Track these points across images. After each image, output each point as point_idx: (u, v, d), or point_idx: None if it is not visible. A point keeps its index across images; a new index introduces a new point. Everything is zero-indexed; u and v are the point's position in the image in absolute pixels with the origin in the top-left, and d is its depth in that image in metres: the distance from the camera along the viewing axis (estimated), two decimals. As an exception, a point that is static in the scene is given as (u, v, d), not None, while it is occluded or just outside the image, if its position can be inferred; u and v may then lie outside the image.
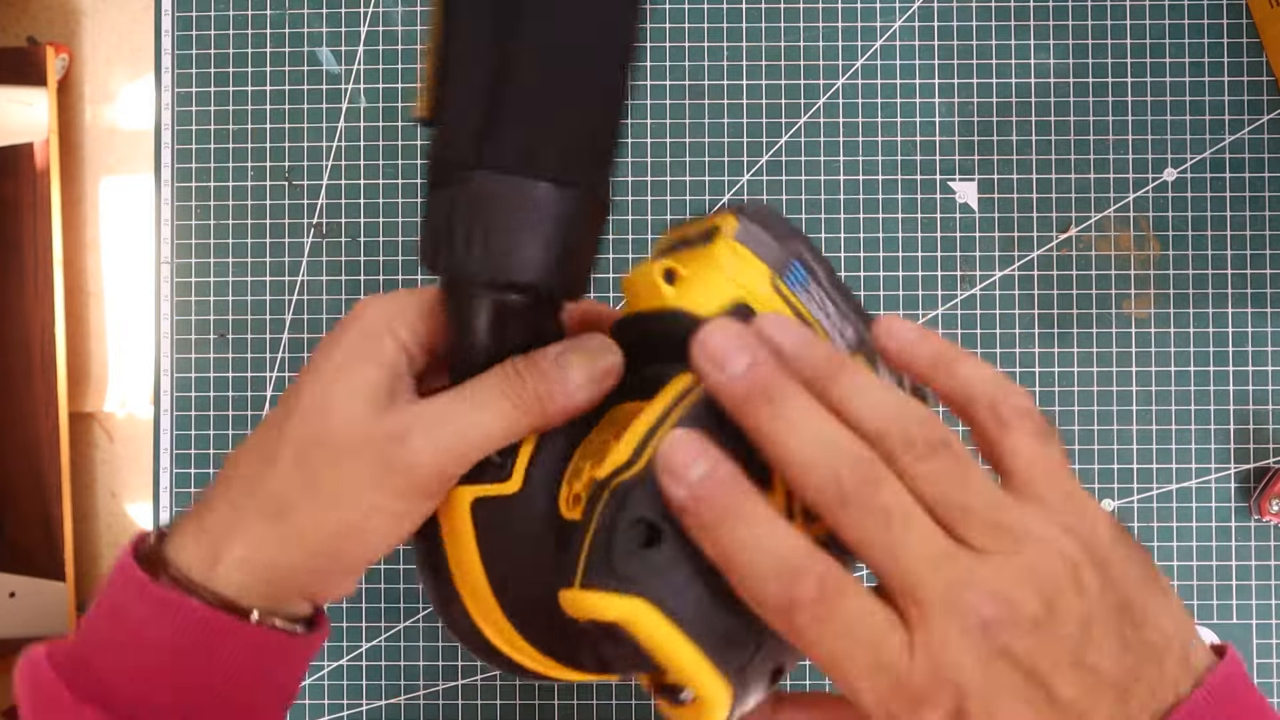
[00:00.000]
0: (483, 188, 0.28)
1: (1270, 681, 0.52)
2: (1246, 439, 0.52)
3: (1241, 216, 0.53)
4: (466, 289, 0.30)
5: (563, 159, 0.28)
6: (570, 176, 0.28)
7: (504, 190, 0.28)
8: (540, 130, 0.28)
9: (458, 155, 0.29)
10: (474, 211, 0.28)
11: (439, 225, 0.29)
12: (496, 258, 0.28)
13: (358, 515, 0.30)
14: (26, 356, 1.33)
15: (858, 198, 0.53)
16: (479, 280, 0.29)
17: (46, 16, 1.45)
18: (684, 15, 0.54)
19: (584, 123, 0.29)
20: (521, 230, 0.28)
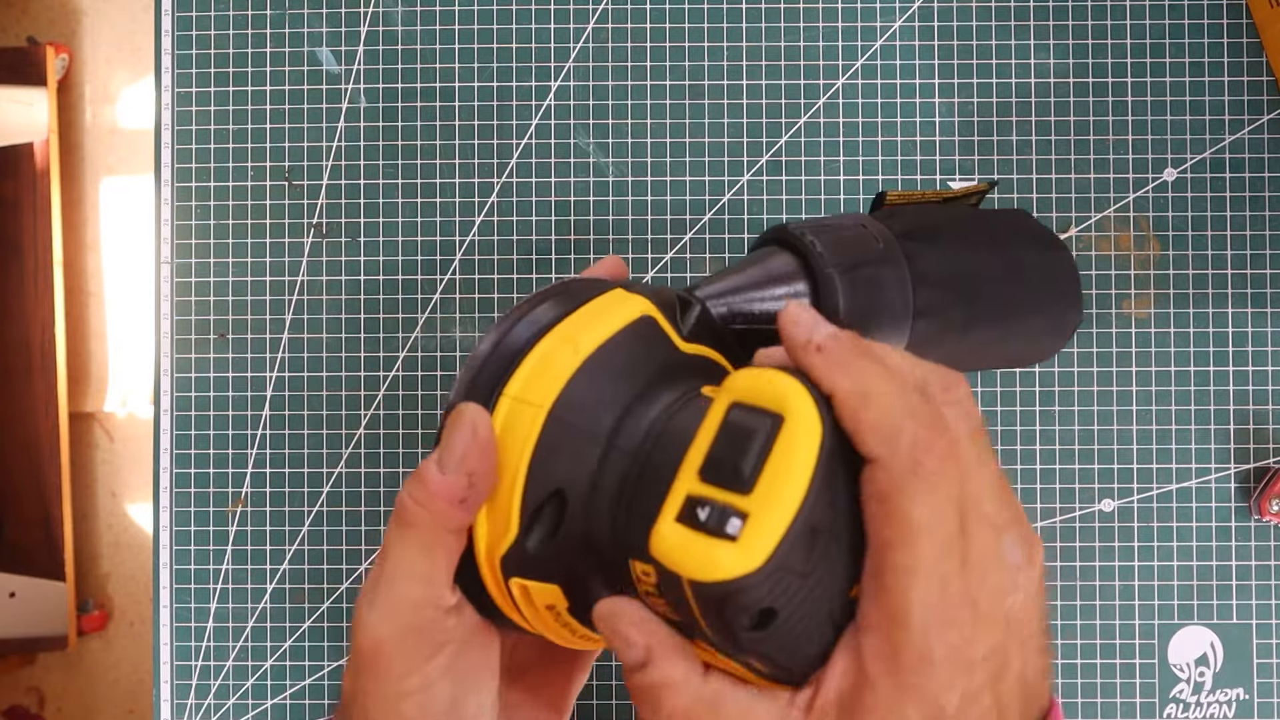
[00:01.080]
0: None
1: (1270, 682, 0.52)
2: (1246, 439, 0.52)
3: (1241, 216, 0.53)
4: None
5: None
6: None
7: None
8: None
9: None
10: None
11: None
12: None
13: (383, 709, 0.30)
14: (26, 356, 1.33)
15: (858, 198, 0.53)
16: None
17: (46, 16, 1.46)
18: (684, 15, 0.54)
19: None
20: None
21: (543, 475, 0.28)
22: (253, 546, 0.54)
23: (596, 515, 0.28)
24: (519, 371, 0.29)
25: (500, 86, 0.54)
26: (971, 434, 0.26)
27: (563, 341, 0.29)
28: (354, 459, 0.54)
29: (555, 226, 0.54)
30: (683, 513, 0.25)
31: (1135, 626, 0.52)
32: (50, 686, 1.46)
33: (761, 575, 0.23)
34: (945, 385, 0.26)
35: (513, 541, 0.29)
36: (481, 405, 0.29)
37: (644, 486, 0.27)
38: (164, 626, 0.54)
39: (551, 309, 0.30)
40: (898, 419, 0.24)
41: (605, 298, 0.31)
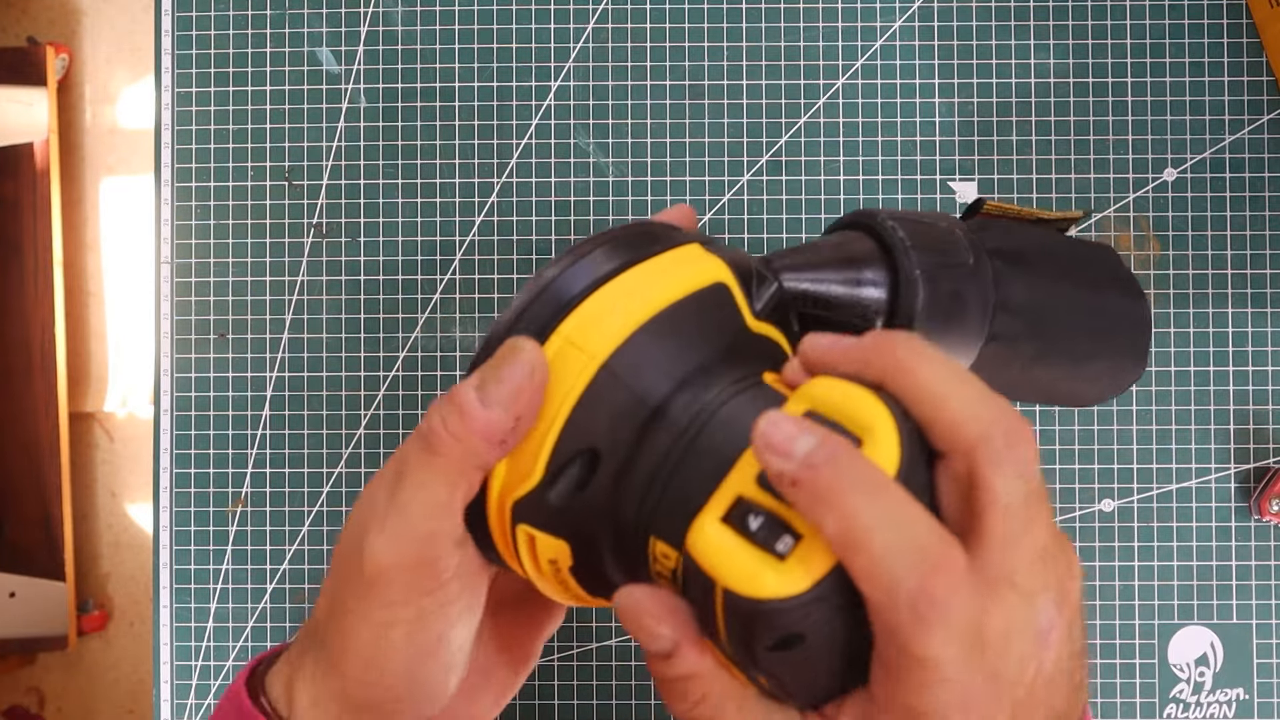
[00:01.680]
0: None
1: (1270, 682, 0.52)
2: (1246, 439, 0.52)
3: (1241, 216, 0.53)
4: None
5: None
6: None
7: None
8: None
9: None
10: None
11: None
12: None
13: (369, 633, 0.28)
14: (26, 356, 1.33)
15: (858, 198, 0.53)
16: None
17: (46, 16, 1.46)
18: (684, 15, 0.54)
19: None
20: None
21: (580, 429, 0.27)
22: (253, 546, 0.54)
23: (627, 483, 0.27)
24: (578, 311, 0.27)
25: (500, 86, 0.54)
26: (1027, 496, 0.23)
27: (630, 292, 0.27)
28: (354, 459, 0.54)
29: (555, 226, 0.54)
30: (731, 514, 0.24)
31: (1135, 626, 0.52)
32: (50, 686, 1.46)
33: (801, 601, 0.22)
34: (1010, 441, 0.24)
35: (532, 488, 0.27)
36: (532, 338, 0.27)
37: (686, 468, 0.26)
38: (164, 626, 0.54)
39: (625, 251, 0.28)
40: (894, 569, 0.22)
41: (682, 251, 0.29)
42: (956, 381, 0.24)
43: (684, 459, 0.26)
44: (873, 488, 0.22)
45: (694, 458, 0.26)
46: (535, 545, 0.28)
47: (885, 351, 0.25)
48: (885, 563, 0.22)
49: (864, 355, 0.25)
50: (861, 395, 0.24)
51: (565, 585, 0.29)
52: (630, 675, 0.53)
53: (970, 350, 0.34)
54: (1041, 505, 0.24)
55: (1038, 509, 0.24)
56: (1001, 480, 0.23)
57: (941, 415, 0.24)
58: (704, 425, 0.26)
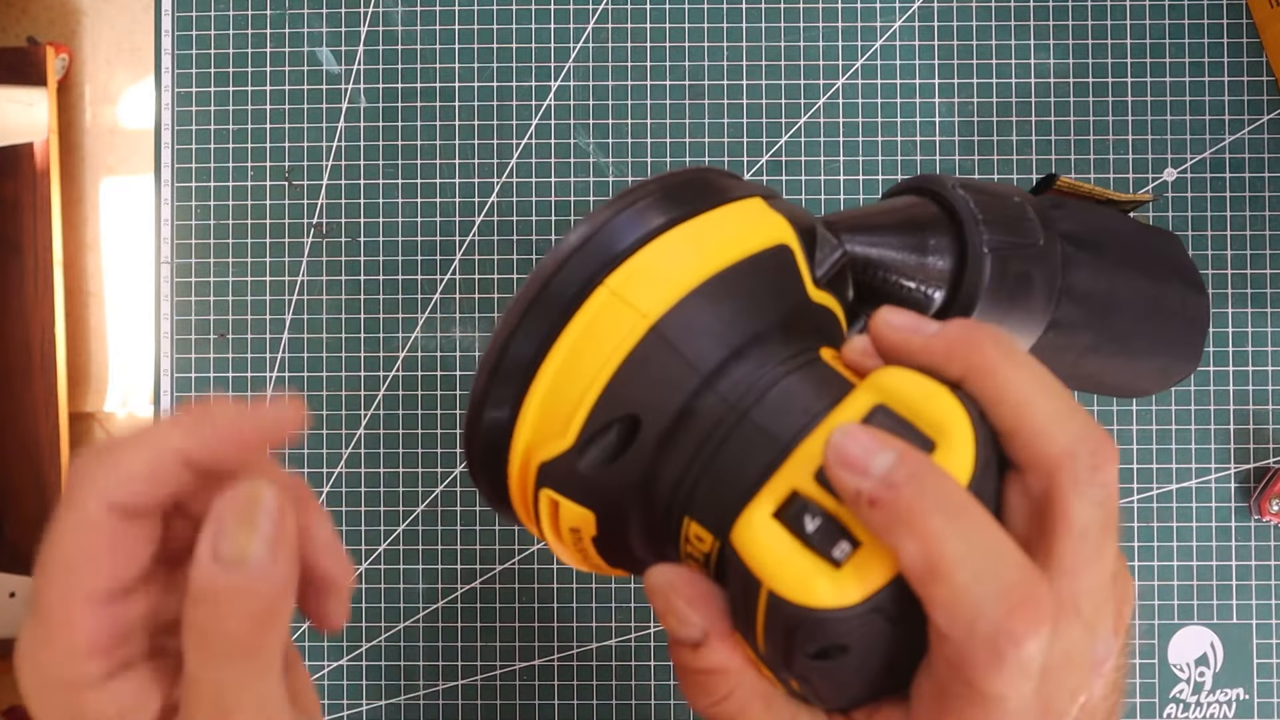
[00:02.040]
0: None
1: (1270, 682, 0.52)
2: (1246, 439, 0.52)
3: (1241, 216, 0.53)
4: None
5: None
6: None
7: None
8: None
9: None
10: None
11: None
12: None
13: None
14: (26, 356, 1.33)
15: (858, 198, 0.53)
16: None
17: (46, 16, 1.45)
18: (684, 15, 0.54)
19: None
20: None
21: (622, 393, 0.24)
22: (253, 546, 0.54)
23: (666, 457, 0.24)
24: (630, 263, 0.24)
25: (500, 86, 0.54)
26: (1103, 523, 0.22)
27: (688, 247, 0.25)
28: (354, 459, 0.54)
29: (555, 226, 0.54)
30: (784, 509, 0.22)
31: (1135, 627, 0.52)
32: (50, 686, 1.46)
33: (853, 613, 0.21)
34: (1094, 462, 0.22)
35: (561, 452, 0.25)
36: (577, 285, 0.24)
37: (734, 446, 0.24)
38: (164, 626, 0.54)
39: (684, 201, 0.26)
40: (977, 603, 0.20)
41: (745, 206, 0.26)
42: (1045, 391, 0.22)
43: (731, 436, 0.24)
44: (956, 511, 0.20)
45: (743, 437, 0.24)
46: (558, 511, 0.26)
47: (973, 346, 0.23)
48: (968, 597, 0.20)
49: (947, 347, 0.23)
50: (940, 394, 0.22)
51: (584, 554, 0.27)
52: (630, 675, 0.53)
53: (1030, 335, 0.32)
54: (1115, 531, 0.22)
55: (1111, 535, 0.22)
56: (1081, 506, 0.22)
57: (1024, 425, 0.22)
58: (756, 401, 0.24)
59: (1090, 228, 0.34)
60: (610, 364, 0.24)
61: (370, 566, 0.54)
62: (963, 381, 0.23)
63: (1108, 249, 0.34)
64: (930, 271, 0.30)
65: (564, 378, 0.25)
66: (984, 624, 0.20)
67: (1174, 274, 0.37)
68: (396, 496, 0.54)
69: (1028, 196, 0.33)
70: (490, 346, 0.26)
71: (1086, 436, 0.22)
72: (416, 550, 0.54)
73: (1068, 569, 0.21)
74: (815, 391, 0.24)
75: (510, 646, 0.53)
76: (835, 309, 0.28)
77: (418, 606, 0.54)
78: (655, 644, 0.53)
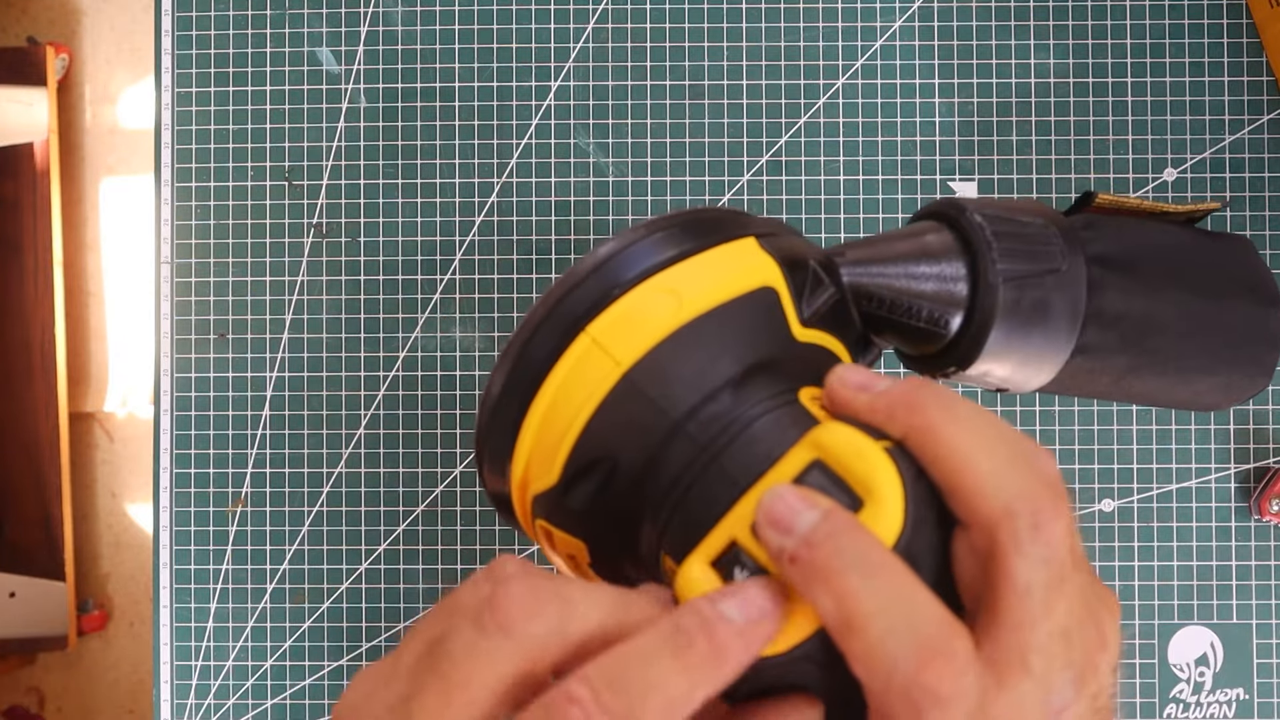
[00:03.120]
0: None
1: (1270, 682, 0.52)
2: (1246, 439, 0.52)
3: (1241, 216, 0.53)
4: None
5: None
6: None
7: None
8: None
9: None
10: None
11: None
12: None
13: None
14: (26, 356, 1.33)
15: (858, 198, 0.53)
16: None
17: (46, 16, 1.45)
18: (684, 15, 0.54)
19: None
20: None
21: (597, 437, 0.26)
22: (253, 546, 0.54)
23: (644, 495, 0.26)
24: (609, 311, 0.26)
25: (500, 86, 0.54)
26: (1049, 580, 0.22)
27: (667, 293, 0.26)
28: (354, 459, 0.54)
29: (555, 226, 0.54)
30: (721, 559, 0.23)
31: (1135, 626, 0.52)
32: (50, 686, 1.46)
33: (780, 660, 0.22)
34: (1035, 520, 0.22)
35: (549, 487, 0.26)
36: (561, 331, 0.26)
37: (702, 489, 0.25)
38: (164, 626, 0.54)
39: (673, 242, 0.27)
40: (891, 658, 0.20)
41: (733, 248, 0.27)
42: (986, 448, 0.22)
43: (700, 478, 0.25)
44: (872, 569, 0.21)
45: (710, 479, 0.25)
46: (553, 539, 0.28)
47: (915, 407, 0.23)
48: (881, 649, 0.20)
49: (890, 407, 0.24)
50: (871, 453, 0.23)
51: (585, 575, 0.29)
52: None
53: (1054, 362, 0.31)
54: (1065, 586, 0.22)
55: (1060, 592, 0.22)
56: (1022, 564, 0.22)
57: (963, 484, 0.22)
58: (728, 444, 0.25)
59: (1129, 247, 0.33)
60: (586, 409, 0.25)
61: (370, 566, 0.54)
62: (904, 440, 0.23)
63: (1146, 269, 0.33)
64: (944, 299, 0.30)
65: (549, 419, 0.26)
66: (899, 678, 0.20)
67: (1236, 286, 0.35)
68: (396, 496, 0.54)
69: (1056, 217, 0.32)
70: (492, 378, 0.27)
71: (1027, 495, 0.22)
72: (416, 550, 0.54)
73: (1014, 624, 0.21)
74: (780, 436, 0.25)
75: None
76: (829, 344, 0.28)
77: (417, 606, 0.54)
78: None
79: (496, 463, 0.28)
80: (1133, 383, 0.34)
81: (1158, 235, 0.35)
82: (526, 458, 0.27)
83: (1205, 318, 0.34)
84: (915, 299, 0.30)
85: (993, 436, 0.23)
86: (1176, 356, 0.34)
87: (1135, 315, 0.32)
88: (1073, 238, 0.32)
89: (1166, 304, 0.33)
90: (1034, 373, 0.32)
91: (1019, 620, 0.22)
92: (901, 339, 0.31)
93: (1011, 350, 0.31)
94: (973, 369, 0.31)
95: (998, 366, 0.31)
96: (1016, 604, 0.22)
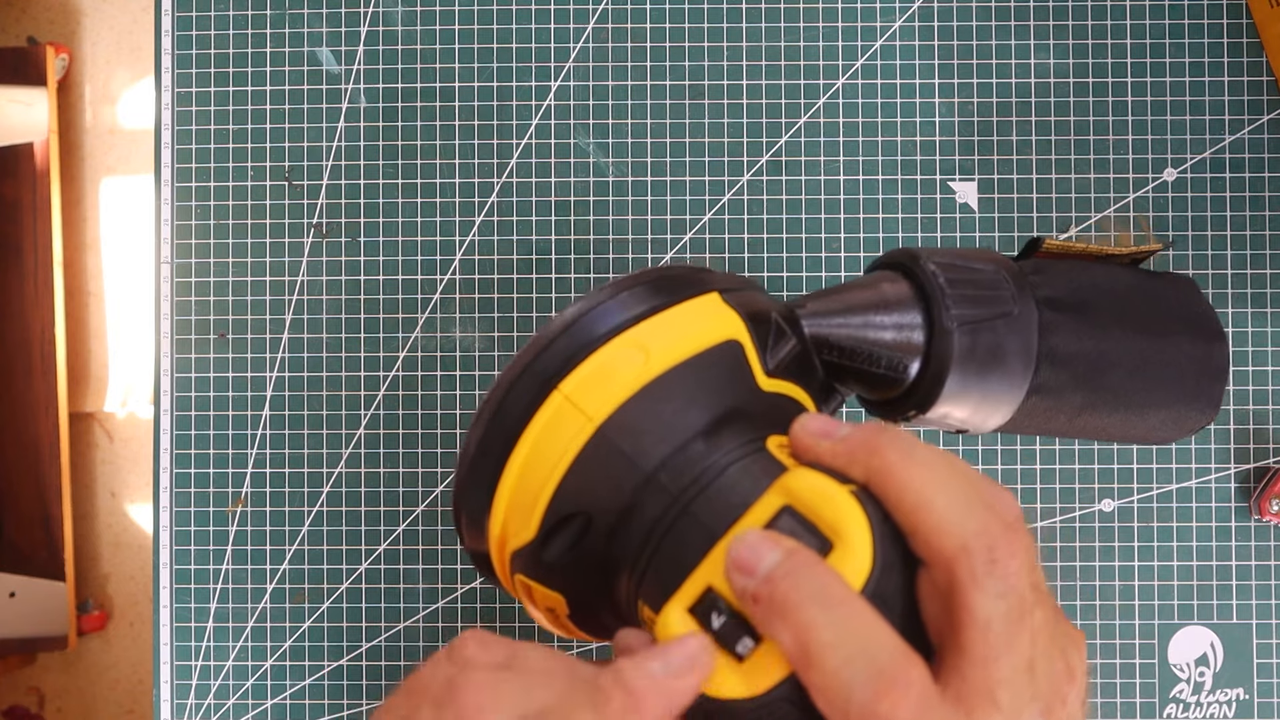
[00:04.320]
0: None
1: (1270, 682, 0.52)
2: (1246, 439, 0.52)
3: (1241, 216, 0.53)
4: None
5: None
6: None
7: None
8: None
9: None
10: None
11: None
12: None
13: None
14: (26, 356, 1.33)
15: (858, 198, 0.53)
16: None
17: (46, 16, 1.45)
18: (684, 15, 0.54)
19: None
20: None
21: (573, 492, 0.26)
22: (253, 546, 0.54)
23: (620, 546, 0.26)
24: (580, 369, 0.27)
25: (500, 86, 0.54)
26: (1008, 613, 0.22)
27: (635, 349, 0.27)
28: (354, 459, 0.54)
29: (555, 226, 0.54)
30: (698, 605, 0.24)
31: (1135, 626, 0.52)
32: (50, 686, 1.46)
33: (758, 702, 0.22)
34: (992, 556, 0.23)
35: (526, 543, 0.27)
36: (534, 389, 0.27)
37: (675, 538, 0.25)
38: (164, 626, 0.54)
39: (640, 300, 0.28)
40: (847, 687, 0.21)
41: (698, 304, 0.28)
42: (942, 489, 0.23)
43: (674, 527, 0.26)
44: (830, 603, 0.22)
45: (684, 528, 0.26)
46: (533, 593, 0.28)
47: (874, 450, 0.24)
48: (838, 679, 0.21)
49: (850, 452, 0.25)
50: (839, 497, 0.23)
51: (564, 627, 0.30)
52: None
53: (1010, 402, 0.32)
54: (1025, 620, 0.23)
55: (1021, 625, 0.23)
56: (980, 598, 0.22)
57: (921, 524, 0.23)
58: (699, 493, 0.26)
59: (1077, 289, 0.35)
60: (561, 465, 0.26)
61: (370, 566, 0.54)
62: (868, 483, 0.24)
63: (1097, 310, 0.35)
64: (902, 346, 0.31)
65: (525, 476, 0.27)
66: (855, 708, 0.21)
67: (1180, 324, 0.37)
68: (396, 496, 0.54)
69: (1006, 263, 0.34)
70: (469, 436, 0.28)
71: (983, 533, 0.23)
72: (416, 550, 0.54)
73: (979, 659, 0.22)
74: (751, 485, 0.25)
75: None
76: (793, 393, 0.29)
77: (418, 606, 0.54)
78: (655, 644, 0.53)
79: (474, 520, 0.28)
80: (1089, 419, 0.35)
81: (1103, 277, 0.36)
82: (504, 514, 0.27)
83: (1152, 354, 0.36)
84: (874, 347, 0.31)
85: (948, 477, 0.24)
86: (1128, 392, 0.35)
87: (1087, 354, 0.34)
88: (1022, 282, 0.33)
89: (1115, 342, 0.35)
90: (991, 413, 0.33)
91: (983, 655, 0.22)
92: (863, 385, 0.32)
93: (969, 392, 0.31)
94: (932, 412, 0.32)
95: (956, 409, 0.32)
96: (979, 638, 0.22)
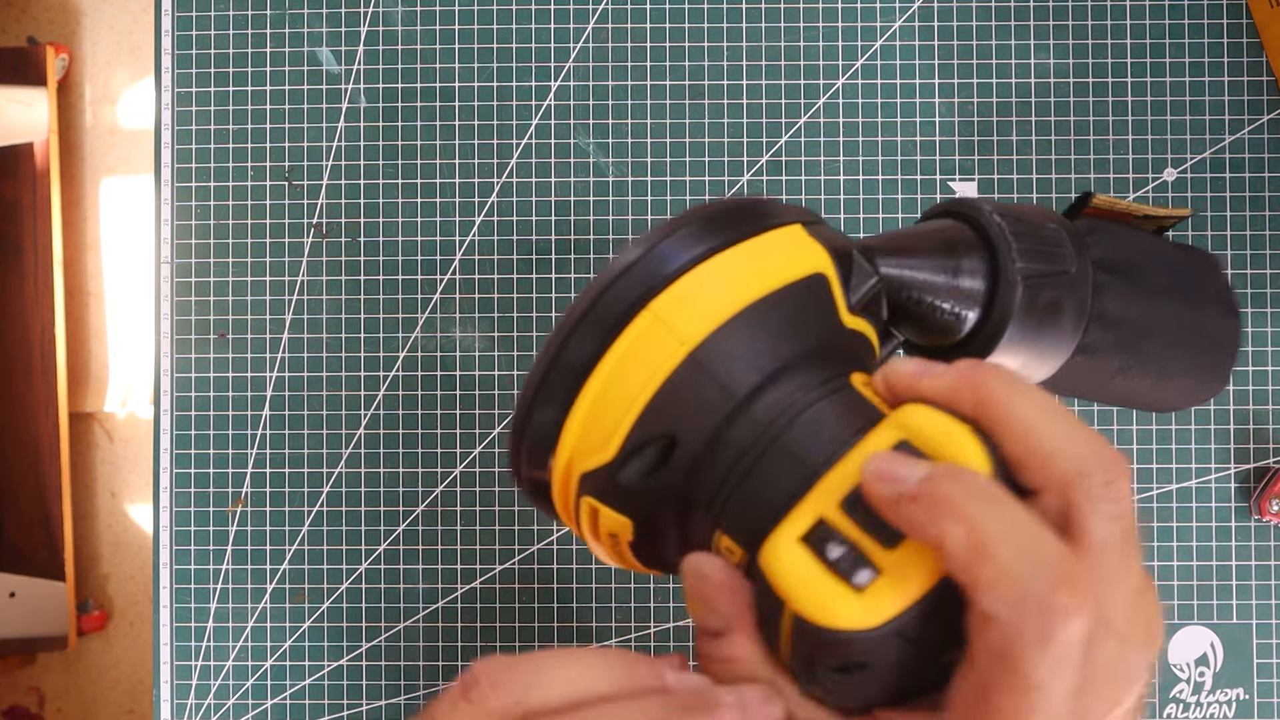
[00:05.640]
0: None
1: (1270, 682, 0.52)
2: (1246, 439, 0.52)
3: (1241, 216, 0.53)
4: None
5: None
6: None
7: None
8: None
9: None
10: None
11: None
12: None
13: None
14: (26, 356, 1.33)
15: (858, 198, 0.53)
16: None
17: (46, 16, 1.45)
18: (684, 15, 0.54)
19: None
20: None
21: (660, 414, 0.26)
22: (253, 546, 0.54)
23: (701, 474, 0.26)
24: (672, 290, 0.26)
25: (500, 86, 0.54)
26: (1123, 536, 0.23)
27: (727, 275, 0.26)
28: (354, 459, 0.54)
29: (555, 226, 0.54)
30: (810, 536, 0.23)
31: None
32: (50, 686, 1.46)
33: (873, 634, 0.22)
34: (1107, 478, 0.23)
35: (602, 464, 0.26)
36: (621, 312, 0.26)
37: (765, 468, 0.25)
38: (164, 626, 0.54)
39: (725, 229, 0.27)
40: (1023, 579, 0.21)
41: (784, 234, 0.28)
42: (1051, 416, 0.24)
43: (763, 458, 0.25)
44: (995, 499, 0.22)
45: (774, 459, 0.25)
46: (598, 518, 0.28)
47: (979, 384, 0.24)
48: (1013, 573, 0.21)
49: (955, 386, 0.25)
50: (959, 432, 0.23)
51: (621, 556, 0.29)
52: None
53: (1057, 358, 0.33)
54: (1136, 544, 0.23)
55: (1133, 548, 0.23)
56: (1098, 521, 0.22)
57: (1036, 449, 0.23)
58: (788, 426, 0.25)
59: (1125, 252, 0.35)
60: (649, 387, 0.26)
61: (370, 566, 0.54)
62: (975, 416, 0.24)
63: (1143, 275, 0.35)
64: (964, 294, 0.31)
65: (606, 395, 0.26)
66: (1031, 599, 0.21)
67: (1208, 297, 0.37)
68: (396, 496, 0.54)
69: (1063, 221, 0.34)
70: (540, 358, 0.27)
71: (1096, 454, 0.23)
72: (416, 550, 0.54)
73: (1096, 583, 0.22)
74: (844, 419, 0.25)
75: (510, 647, 0.53)
76: (869, 333, 0.29)
77: (418, 606, 0.54)
78: (655, 644, 0.53)
79: (540, 440, 0.28)
80: (1121, 383, 0.35)
81: (1151, 244, 0.37)
82: (577, 433, 0.27)
83: (1189, 323, 0.36)
84: (940, 290, 0.31)
85: (1054, 409, 0.24)
86: (1163, 360, 0.36)
87: (1133, 319, 0.34)
88: (1080, 242, 0.33)
89: (1160, 310, 0.35)
90: (1038, 368, 0.33)
91: (1101, 579, 0.22)
92: (919, 330, 0.32)
93: (1023, 345, 0.32)
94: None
95: (1008, 360, 0.32)
96: (1097, 562, 0.22)
